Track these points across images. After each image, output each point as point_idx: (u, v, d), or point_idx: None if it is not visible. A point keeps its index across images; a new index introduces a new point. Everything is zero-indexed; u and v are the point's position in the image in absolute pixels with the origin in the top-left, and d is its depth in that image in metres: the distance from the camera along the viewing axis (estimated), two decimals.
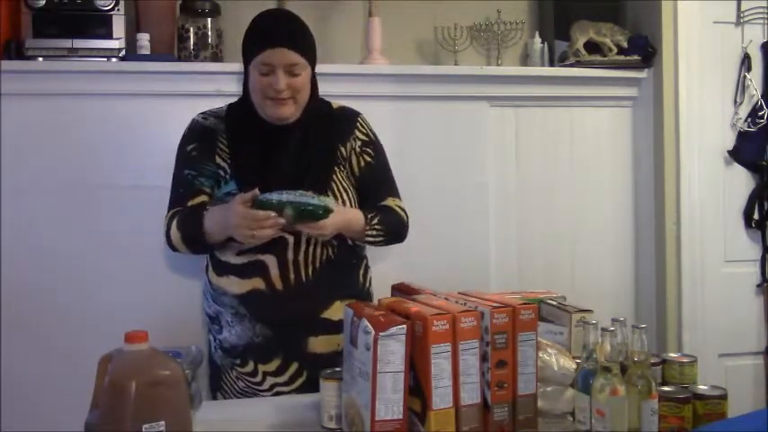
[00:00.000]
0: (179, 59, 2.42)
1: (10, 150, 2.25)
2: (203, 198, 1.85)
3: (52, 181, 2.28)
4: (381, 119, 2.48)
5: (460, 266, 2.55)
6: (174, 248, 1.87)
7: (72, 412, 1.39)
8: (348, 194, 1.87)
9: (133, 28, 2.41)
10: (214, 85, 2.36)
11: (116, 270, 2.29)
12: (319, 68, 2.44)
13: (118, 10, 2.30)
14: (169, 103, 2.32)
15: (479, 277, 2.55)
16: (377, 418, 1.26)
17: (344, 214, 1.79)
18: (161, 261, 2.31)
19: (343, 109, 1.96)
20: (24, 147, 2.26)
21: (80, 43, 2.27)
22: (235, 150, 1.84)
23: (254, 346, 1.82)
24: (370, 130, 1.96)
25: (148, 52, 2.36)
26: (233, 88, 2.36)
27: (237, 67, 2.40)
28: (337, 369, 1.45)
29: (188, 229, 1.80)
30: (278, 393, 1.81)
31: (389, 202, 1.93)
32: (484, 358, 1.31)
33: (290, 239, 1.78)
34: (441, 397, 1.28)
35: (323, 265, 1.81)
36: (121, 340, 1.23)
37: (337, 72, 2.46)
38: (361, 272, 1.93)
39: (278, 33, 1.78)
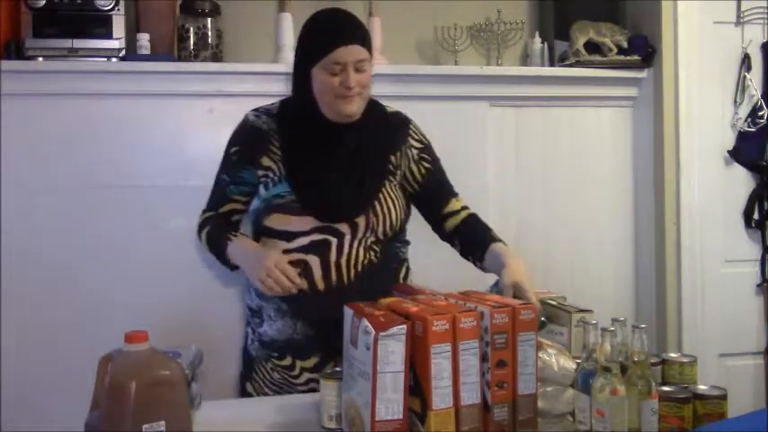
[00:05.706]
0: (179, 59, 2.42)
1: (10, 150, 2.25)
2: (232, 206, 1.91)
3: (52, 181, 2.28)
4: None
5: (460, 266, 2.54)
6: None
7: (72, 412, 1.39)
8: (395, 204, 1.86)
9: (133, 28, 2.41)
10: (214, 86, 2.36)
11: (116, 270, 2.29)
12: None
13: (118, 10, 2.30)
14: (169, 103, 2.32)
15: (479, 277, 2.55)
16: (377, 418, 1.25)
17: (516, 259, 1.83)
18: (161, 261, 2.31)
19: (396, 114, 1.96)
20: (24, 147, 2.26)
21: (80, 43, 2.28)
22: (287, 150, 1.82)
23: (293, 343, 1.84)
24: (423, 135, 1.96)
25: (148, 52, 2.37)
26: (233, 88, 2.37)
27: (237, 67, 2.42)
28: (337, 369, 1.45)
29: (214, 249, 1.90)
30: (312, 390, 1.80)
31: (455, 203, 1.98)
32: (484, 358, 1.31)
33: (334, 241, 1.78)
34: (441, 397, 1.27)
35: (365, 268, 1.81)
36: (121, 340, 1.23)
37: None
38: (401, 274, 1.94)
39: (349, 30, 1.77)
